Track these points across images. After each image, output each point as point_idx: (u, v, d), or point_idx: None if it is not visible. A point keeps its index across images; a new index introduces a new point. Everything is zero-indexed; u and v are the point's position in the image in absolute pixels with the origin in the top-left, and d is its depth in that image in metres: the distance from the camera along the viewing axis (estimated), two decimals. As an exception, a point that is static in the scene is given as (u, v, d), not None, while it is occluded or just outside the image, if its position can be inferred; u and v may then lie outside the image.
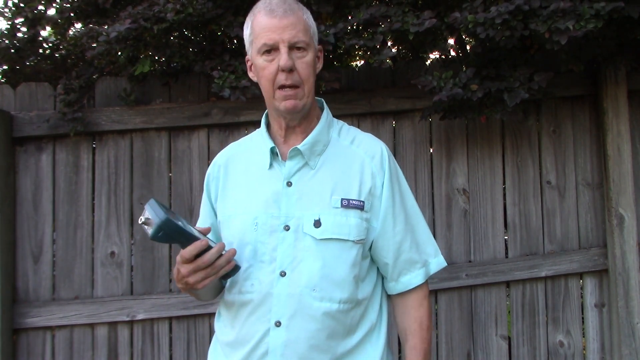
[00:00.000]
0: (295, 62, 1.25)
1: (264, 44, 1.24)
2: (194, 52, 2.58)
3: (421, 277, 1.37)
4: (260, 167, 1.34)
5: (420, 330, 1.36)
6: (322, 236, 1.25)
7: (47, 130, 2.51)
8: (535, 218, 2.62)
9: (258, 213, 1.29)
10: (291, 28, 1.24)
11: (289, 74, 1.24)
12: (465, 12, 2.19)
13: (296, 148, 1.30)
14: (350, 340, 1.29)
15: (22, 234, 2.52)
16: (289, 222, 1.27)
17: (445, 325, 2.58)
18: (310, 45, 1.28)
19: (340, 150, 1.35)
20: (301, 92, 1.27)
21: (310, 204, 1.27)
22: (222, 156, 1.46)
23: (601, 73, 2.56)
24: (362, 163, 1.33)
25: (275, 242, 1.26)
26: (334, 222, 1.26)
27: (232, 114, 2.56)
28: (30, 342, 2.48)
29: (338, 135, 1.38)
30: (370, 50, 2.36)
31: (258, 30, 1.26)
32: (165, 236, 1.14)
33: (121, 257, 2.54)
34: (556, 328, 2.61)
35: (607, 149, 2.57)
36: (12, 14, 3.02)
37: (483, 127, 2.62)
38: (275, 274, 1.25)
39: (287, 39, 1.23)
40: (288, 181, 1.30)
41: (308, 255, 1.25)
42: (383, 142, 1.40)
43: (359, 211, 1.29)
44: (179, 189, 2.58)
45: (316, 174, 1.30)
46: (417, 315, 1.37)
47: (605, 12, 2.01)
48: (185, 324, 2.53)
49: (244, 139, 1.50)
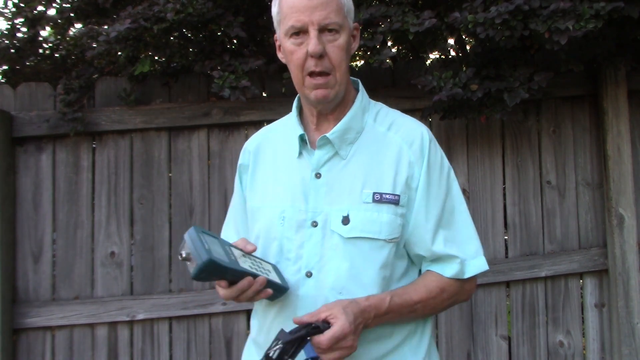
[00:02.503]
0: (326, 46, 1.14)
1: (292, 26, 1.14)
2: (194, 52, 2.58)
3: (453, 272, 1.20)
4: (289, 155, 1.26)
5: (429, 292, 1.19)
6: (350, 234, 1.16)
7: (47, 130, 2.51)
8: (535, 218, 2.62)
9: (285, 206, 1.21)
10: (322, 8, 1.12)
11: (319, 60, 1.14)
12: (465, 12, 2.19)
13: (325, 136, 1.20)
14: (385, 345, 1.19)
15: (22, 234, 2.52)
16: (317, 217, 1.18)
17: (445, 325, 2.58)
18: (344, 26, 1.16)
19: (375, 138, 1.23)
20: (333, 80, 1.17)
21: (340, 198, 1.18)
22: (253, 142, 1.37)
23: (601, 73, 2.56)
24: (400, 151, 1.21)
25: (302, 239, 1.19)
26: (364, 218, 1.16)
27: (232, 114, 2.56)
28: (30, 342, 2.48)
29: (374, 121, 1.26)
30: (370, 50, 2.36)
31: (286, 9, 1.15)
32: (208, 276, 1.06)
33: (121, 257, 2.54)
34: (556, 328, 2.61)
35: (607, 149, 2.57)
36: (12, 14, 3.02)
37: (483, 127, 2.61)
38: (301, 274, 1.19)
39: (317, 20, 1.12)
40: (317, 172, 1.21)
41: (335, 255, 1.17)
42: (425, 127, 1.27)
43: (394, 206, 1.17)
44: (179, 189, 2.58)
45: (347, 165, 1.20)
46: (442, 284, 1.20)
47: (605, 12, 2.01)
48: (185, 324, 2.53)
49: (276, 123, 1.39)
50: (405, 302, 1.17)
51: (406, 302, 1.17)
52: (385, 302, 1.14)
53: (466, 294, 1.27)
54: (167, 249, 2.56)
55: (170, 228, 2.56)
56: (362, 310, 1.10)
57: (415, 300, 1.18)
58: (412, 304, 1.17)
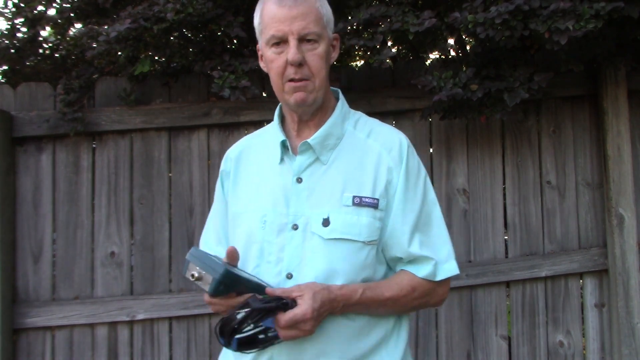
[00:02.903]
0: (305, 55, 1.18)
1: (272, 36, 1.19)
2: (194, 52, 2.58)
3: (426, 272, 1.24)
4: (271, 161, 1.29)
5: (400, 290, 1.23)
6: (329, 236, 1.19)
7: (47, 130, 2.51)
8: (535, 218, 2.62)
9: (267, 211, 1.24)
10: (301, 18, 1.17)
11: (298, 68, 1.18)
12: (465, 12, 2.19)
13: (306, 142, 1.24)
14: (362, 345, 1.22)
15: (22, 234, 2.52)
16: (298, 220, 1.22)
17: (445, 325, 2.58)
18: (323, 36, 1.21)
19: (355, 144, 1.27)
20: (311, 85, 1.21)
21: (320, 201, 1.22)
22: (235, 149, 1.40)
23: (601, 73, 2.56)
24: (379, 157, 1.25)
25: (283, 242, 1.22)
26: (344, 221, 1.20)
27: (232, 114, 2.56)
28: (30, 342, 2.48)
29: (354, 128, 1.30)
30: (370, 50, 2.36)
31: (267, 19, 1.20)
32: (226, 290, 1.07)
33: (121, 257, 2.54)
34: (556, 328, 2.61)
35: (607, 149, 2.57)
36: (12, 14, 3.02)
37: (483, 127, 2.61)
38: (282, 276, 1.21)
39: (296, 30, 1.17)
40: (298, 177, 1.24)
41: (315, 256, 1.19)
42: (403, 134, 1.32)
43: (373, 210, 1.21)
44: (179, 189, 2.58)
45: (328, 170, 1.24)
46: (414, 283, 1.24)
47: (605, 12, 2.01)
48: (185, 324, 2.53)
49: (258, 132, 1.43)
50: (377, 297, 1.20)
51: (377, 297, 1.20)
52: (357, 294, 1.17)
53: (438, 297, 1.31)
54: (167, 249, 2.56)
55: (170, 228, 2.56)
56: (331, 300, 1.14)
57: (387, 296, 1.21)
58: (383, 299, 1.21)
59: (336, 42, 1.30)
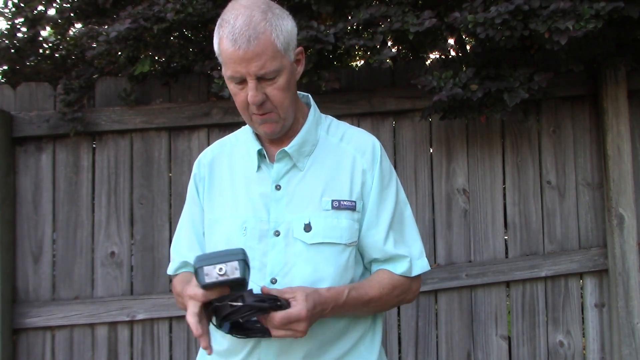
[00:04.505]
0: (266, 91, 1.17)
1: (231, 76, 1.17)
2: (194, 52, 2.58)
3: (403, 270, 1.28)
4: (247, 168, 1.30)
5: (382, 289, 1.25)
6: (312, 241, 1.22)
7: (47, 130, 2.51)
8: (535, 218, 2.62)
9: (247, 217, 1.25)
10: (257, 59, 1.13)
11: (260, 106, 1.18)
12: (465, 12, 2.19)
13: (284, 150, 1.25)
14: (345, 344, 1.26)
15: (22, 234, 2.52)
16: (279, 227, 1.23)
17: (445, 325, 2.58)
18: (283, 67, 1.17)
19: (330, 149, 1.30)
20: (276, 116, 1.21)
21: (300, 207, 1.24)
22: (207, 155, 1.39)
23: (601, 73, 2.56)
24: (353, 160, 1.28)
25: (265, 248, 1.23)
26: (325, 225, 1.22)
27: (232, 114, 2.56)
28: (30, 342, 2.48)
29: (327, 133, 1.32)
30: (370, 50, 2.36)
31: (224, 57, 1.17)
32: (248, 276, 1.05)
33: (121, 257, 2.54)
34: (556, 328, 2.61)
35: (607, 149, 2.57)
36: (12, 14, 3.03)
37: (483, 127, 2.62)
38: (266, 281, 1.21)
39: (253, 72, 1.14)
40: (277, 184, 1.26)
41: (299, 261, 1.21)
42: (374, 137, 1.35)
43: (351, 212, 1.25)
44: (179, 189, 2.58)
45: (305, 176, 1.26)
46: (394, 281, 1.27)
47: (605, 12, 2.01)
48: (185, 324, 2.53)
49: (228, 137, 1.42)
50: (361, 297, 1.22)
51: (362, 297, 1.22)
52: (343, 295, 1.19)
53: (412, 294, 1.34)
54: (167, 249, 2.55)
55: (170, 228, 2.55)
56: (322, 302, 1.15)
57: (370, 296, 1.24)
58: (367, 299, 1.23)
59: (301, 56, 1.27)
